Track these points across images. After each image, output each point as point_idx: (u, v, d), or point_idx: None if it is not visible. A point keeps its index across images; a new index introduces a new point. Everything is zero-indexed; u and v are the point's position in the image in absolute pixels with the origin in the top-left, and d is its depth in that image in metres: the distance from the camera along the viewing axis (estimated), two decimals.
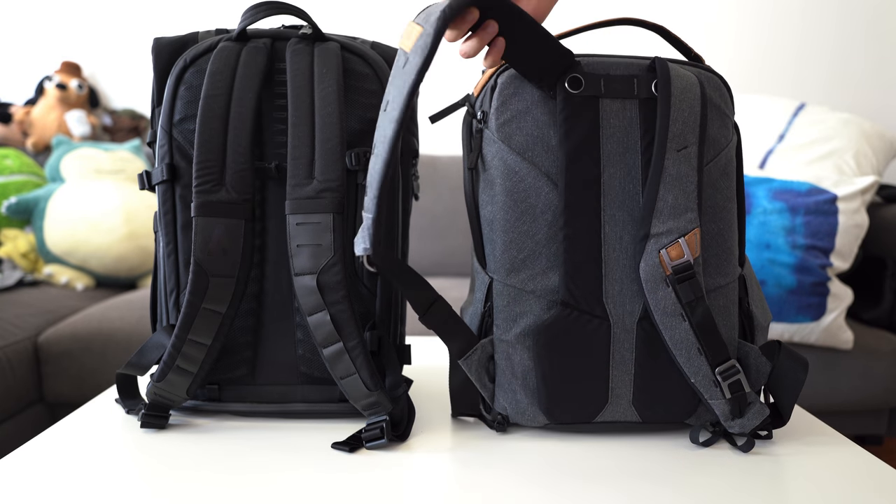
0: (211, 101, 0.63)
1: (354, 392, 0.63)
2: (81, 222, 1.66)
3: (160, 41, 0.68)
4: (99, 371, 1.33)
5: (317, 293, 0.62)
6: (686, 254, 0.59)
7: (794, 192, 1.36)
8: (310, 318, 0.62)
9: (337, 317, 0.62)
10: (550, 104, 0.61)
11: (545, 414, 0.63)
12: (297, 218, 0.63)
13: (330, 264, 0.62)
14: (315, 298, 0.62)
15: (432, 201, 1.92)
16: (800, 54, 2.22)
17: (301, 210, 0.63)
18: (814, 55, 2.22)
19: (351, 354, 0.62)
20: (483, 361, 0.64)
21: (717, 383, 0.60)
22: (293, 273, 0.63)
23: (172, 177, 0.66)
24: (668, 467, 0.58)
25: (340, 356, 0.63)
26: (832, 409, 1.40)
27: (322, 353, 0.63)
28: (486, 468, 0.58)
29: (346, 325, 0.62)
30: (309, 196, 0.63)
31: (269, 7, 0.67)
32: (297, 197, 0.63)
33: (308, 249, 0.63)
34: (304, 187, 0.63)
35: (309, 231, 0.63)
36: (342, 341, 0.62)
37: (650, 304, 0.59)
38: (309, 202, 0.63)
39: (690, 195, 0.60)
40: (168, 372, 0.63)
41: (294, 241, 0.63)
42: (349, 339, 0.62)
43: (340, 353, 0.62)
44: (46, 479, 0.55)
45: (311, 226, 0.63)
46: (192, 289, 0.61)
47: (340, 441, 0.62)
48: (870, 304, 1.54)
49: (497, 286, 0.63)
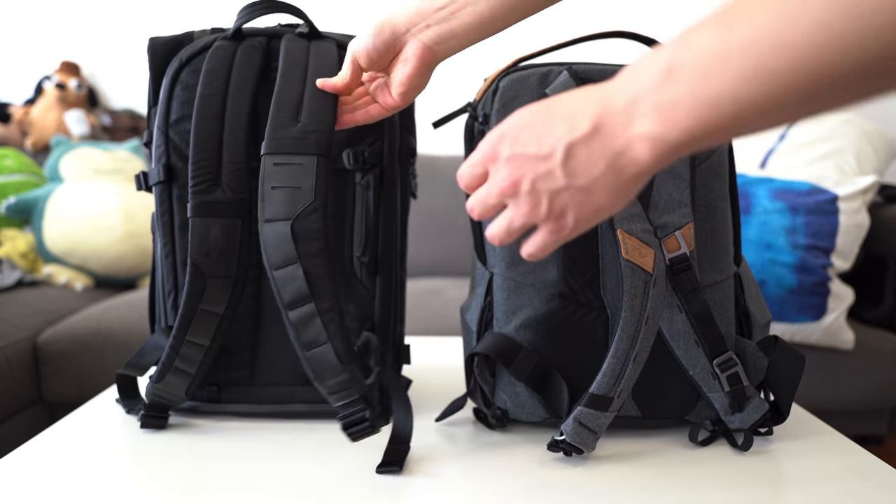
0: (206, 100, 0.63)
1: (322, 367, 0.54)
2: (81, 222, 1.65)
3: (155, 41, 0.68)
4: (98, 371, 1.33)
5: (290, 242, 0.54)
6: (682, 246, 0.60)
7: (795, 191, 1.36)
8: (276, 273, 0.54)
9: (311, 272, 0.54)
10: None
11: (545, 407, 0.63)
12: (276, 158, 0.56)
13: (308, 210, 0.55)
14: (286, 249, 0.54)
15: (432, 201, 1.92)
16: None
17: (282, 149, 0.56)
18: None
19: (323, 318, 0.54)
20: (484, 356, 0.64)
21: (715, 375, 0.61)
22: (261, 219, 0.55)
23: (169, 177, 0.65)
24: (667, 465, 0.58)
25: (310, 320, 0.54)
26: (833, 409, 1.40)
27: (287, 318, 0.54)
28: (486, 467, 0.58)
29: (320, 283, 0.54)
30: (292, 136, 0.57)
31: (264, 5, 0.66)
32: (278, 137, 0.57)
33: (283, 192, 0.55)
34: (286, 128, 0.57)
35: (287, 172, 0.56)
36: (314, 302, 0.54)
37: None
38: (291, 142, 0.57)
39: (684, 191, 0.61)
40: (166, 373, 0.63)
41: (268, 183, 0.56)
42: (323, 299, 0.54)
43: (310, 316, 0.54)
44: (46, 479, 0.55)
45: (291, 167, 0.56)
46: (188, 290, 0.61)
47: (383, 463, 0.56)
48: (871, 304, 1.54)
49: (497, 280, 0.64)
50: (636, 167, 0.37)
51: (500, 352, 0.62)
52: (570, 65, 0.63)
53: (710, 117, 0.33)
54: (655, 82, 0.35)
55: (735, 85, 0.32)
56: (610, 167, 0.37)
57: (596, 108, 0.37)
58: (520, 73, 0.64)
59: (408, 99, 0.58)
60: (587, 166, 0.38)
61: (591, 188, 0.38)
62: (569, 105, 0.39)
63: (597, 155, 0.38)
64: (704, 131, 0.34)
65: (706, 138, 0.34)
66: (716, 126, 0.33)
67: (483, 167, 0.43)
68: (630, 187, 0.39)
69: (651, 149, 0.36)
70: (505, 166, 0.41)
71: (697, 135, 0.34)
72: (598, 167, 0.38)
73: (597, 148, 0.37)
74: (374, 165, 0.67)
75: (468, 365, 0.67)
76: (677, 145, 0.35)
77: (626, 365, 0.57)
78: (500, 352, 0.62)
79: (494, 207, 0.43)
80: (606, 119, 0.37)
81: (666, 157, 0.36)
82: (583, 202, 0.39)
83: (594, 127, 0.37)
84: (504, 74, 0.64)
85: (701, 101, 0.33)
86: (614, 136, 0.37)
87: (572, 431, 0.57)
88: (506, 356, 0.62)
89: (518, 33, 2.14)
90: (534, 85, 0.63)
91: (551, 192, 0.39)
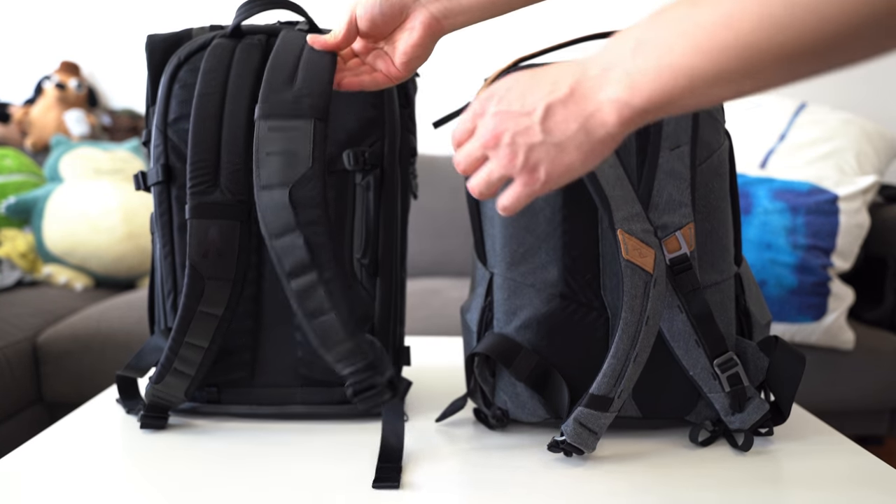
0: (204, 99, 0.62)
1: (327, 336, 0.53)
2: (80, 222, 1.65)
3: (153, 38, 0.67)
4: (98, 371, 1.33)
5: (288, 210, 0.53)
6: (683, 246, 0.60)
7: (795, 191, 1.36)
8: (276, 242, 0.53)
9: (312, 240, 0.53)
10: None
11: (545, 407, 0.63)
12: (271, 122, 0.55)
13: (307, 177, 0.54)
14: (285, 217, 0.53)
15: (432, 201, 1.92)
16: None
17: (276, 113, 0.55)
18: None
19: (327, 287, 0.53)
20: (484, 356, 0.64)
21: (715, 376, 0.61)
22: (257, 186, 0.54)
23: (168, 177, 0.65)
24: (668, 466, 0.58)
25: (313, 290, 0.53)
26: (833, 409, 1.39)
27: (289, 288, 0.54)
28: (486, 467, 0.58)
29: (321, 252, 0.53)
30: (287, 100, 0.56)
31: (263, 1, 0.66)
32: (272, 100, 0.55)
33: (280, 158, 0.54)
34: (280, 92, 0.56)
35: (283, 137, 0.55)
36: (316, 270, 0.53)
37: None
38: (287, 105, 0.55)
39: (684, 191, 0.61)
40: (166, 374, 0.62)
41: (263, 149, 0.54)
42: (325, 268, 0.54)
43: (313, 285, 0.53)
44: (46, 479, 0.55)
45: (287, 132, 0.55)
46: (187, 292, 0.61)
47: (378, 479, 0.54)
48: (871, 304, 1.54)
49: (497, 280, 0.64)
50: (604, 129, 0.41)
51: (500, 352, 0.62)
52: None
53: (669, 86, 0.38)
54: (626, 53, 0.40)
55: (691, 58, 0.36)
56: (581, 127, 0.42)
57: (575, 75, 0.42)
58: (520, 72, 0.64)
59: (410, 69, 0.59)
60: (562, 125, 0.42)
61: (564, 145, 0.43)
62: (552, 73, 0.44)
63: (572, 116, 0.42)
64: (664, 98, 0.38)
65: (666, 105, 0.39)
66: (673, 94, 0.38)
67: (472, 122, 0.47)
68: (598, 149, 0.43)
69: (617, 112, 0.40)
70: (490, 120, 0.45)
71: (658, 102, 0.39)
72: (572, 127, 0.42)
73: (572, 109, 0.42)
74: (375, 166, 0.66)
75: (468, 365, 0.67)
76: (640, 111, 0.40)
77: (626, 365, 0.56)
78: (501, 352, 0.62)
79: (478, 161, 0.47)
80: (582, 84, 0.42)
81: (630, 122, 0.41)
82: (555, 158, 0.43)
83: (571, 90, 0.42)
84: (504, 74, 0.64)
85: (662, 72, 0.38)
86: (587, 100, 0.41)
87: (573, 432, 0.57)
88: (506, 356, 0.61)
89: (518, 33, 2.14)
90: None
91: (528, 146, 0.43)
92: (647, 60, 0.38)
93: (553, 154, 0.43)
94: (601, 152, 0.43)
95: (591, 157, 0.43)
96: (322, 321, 0.53)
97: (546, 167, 0.44)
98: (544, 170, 0.44)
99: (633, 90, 0.39)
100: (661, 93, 0.38)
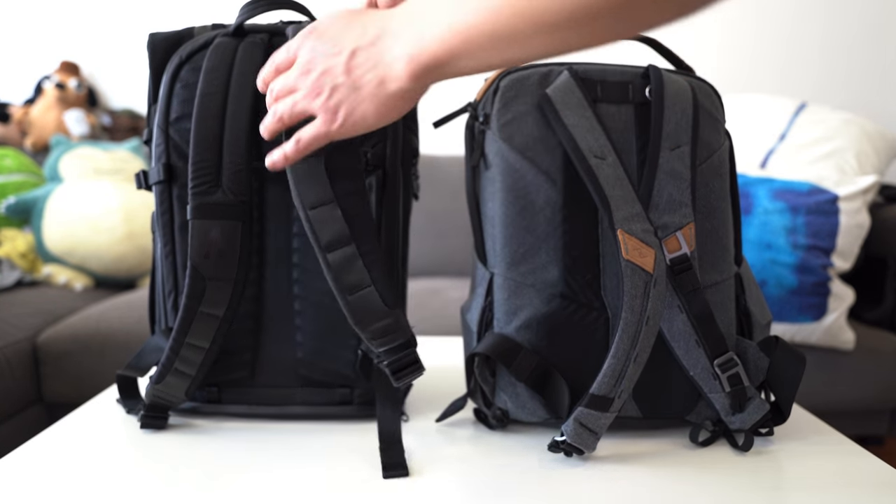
0: (207, 99, 0.62)
1: (365, 312, 0.52)
2: (80, 222, 1.65)
3: (155, 36, 0.67)
4: (98, 371, 1.33)
5: (325, 179, 0.51)
6: (683, 246, 0.61)
7: (796, 191, 1.36)
8: (312, 213, 0.52)
9: (349, 211, 0.52)
10: None
11: (545, 407, 0.63)
12: None
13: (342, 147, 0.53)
14: (321, 187, 0.51)
15: (432, 201, 1.92)
16: (801, 53, 2.22)
17: None
18: (815, 54, 2.22)
19: (365, 260, 0.52)
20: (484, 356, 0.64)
21: (716, 376, 0.61)
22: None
23: (169, 177, 0.65)
24: (668, 466, 0.58)
25: (351, 263, 0.51)
26: (833, 409, 1.39)
27: (325, 260, 0.52)
28: (486, 467, 0.58)
29: (360, 223, 0.52)
30: None
31: (268, 2, 0.66)
32: None
33: None
34: None
35: None
36: (354, 243, 0.52)
37: None
38: None
39: (684, 191, 0.61)
40: (166, 374, 0.62)
41: None
42: (364, 241, 0.52)
43: (352, 258, 0.51)
44: (46, 479, 0.55)
45: None
46: (188, 292, 0.61)
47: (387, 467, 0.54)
48: (871, 304, 1.54)
49: (497, 280, 0.64)
50: (397, 83, 0.44)
51: (500, 352, 0.62)
52: (570, 65, 0.63)
53: (448, 44, 0.41)
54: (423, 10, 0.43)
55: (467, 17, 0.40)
56: (376, 76, 0.45)
57: (381, 25, 0.45)
58: (520, 72, 0.64)
59: None
60: (362, 70, 0.45)
61: (361, 91, 0.46)
62: (365, 19, 0.47)
63: (371, 62, 0.45)
64: (446, 56, 0.42)
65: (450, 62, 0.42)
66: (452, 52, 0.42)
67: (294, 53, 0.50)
68: (391, 103, 0.46)
69: (407, 66, 0.43)
70: (306, 53, 0.48)
71: (441, 58, 0.42)
72: (370, 74, 0.45)
73: (372, 55, 0.45)
74: (377, 167, 0.66)
75: (468, 365, 0.67)
76: (426, 66, 0.43)
77: (626, 365, 0.56)
78: (501, 352, 0.62)
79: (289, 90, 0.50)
80: (385, 35, 0.45)
81: (418, 76, 0.44)
82: (353, 103, 0.46)
83: (375, 38, 0.45)
84: (505, 74, 0.64)
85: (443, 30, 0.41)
86: (384, 50, 0.44)
87: (573, 432, 0.57)
88: (506, 356, 0.61)
89: None
90: (534, 85, 0.63)
91: (332, 87, 0.47)
92: (435, 17, 0.42)
93: (352, 98, 0.46)
94: (395, 106, 0.46)
95: (384, 110, 0.46)
96: (360, 296, 0.52)
97: (345, 111, 0.47)
98: (343, 113, 0.47)
99: (420, 46, 0.42)
100: (443, 51, 0.42)
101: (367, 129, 0.48)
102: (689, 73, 0.69)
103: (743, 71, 2.22)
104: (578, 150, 0.60)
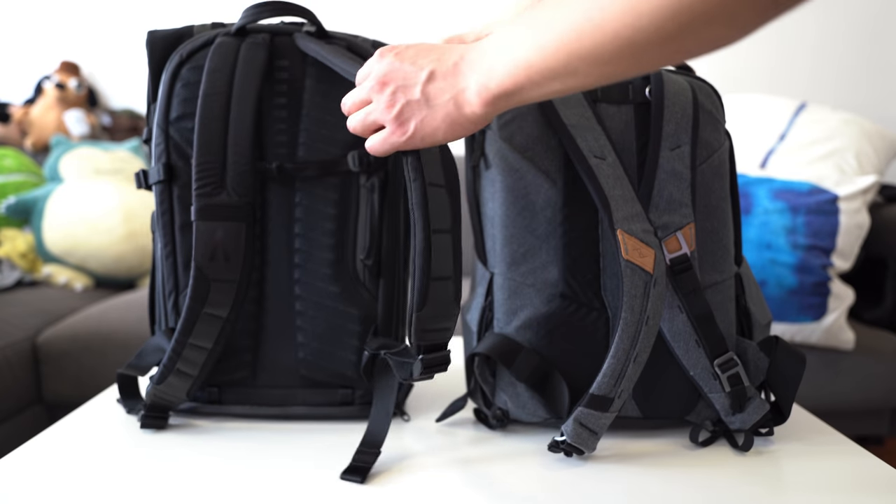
0: (210, 100, 0.62)
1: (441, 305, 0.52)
2: (80, 222, 1.65)
3: (154, 34, 0.67)
4: (98, 371, 1.32)
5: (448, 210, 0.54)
6: (683, 246, 0.61)
7: (795, 191, 1.36)
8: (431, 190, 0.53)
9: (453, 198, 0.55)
10: None
11: (545, 407, 0.63)
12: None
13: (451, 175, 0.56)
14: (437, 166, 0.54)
15: None
16: (801, 53, 2.22)
17: None
18: (815, 54, 2.22)
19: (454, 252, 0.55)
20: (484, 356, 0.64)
21: (716, 376, 0.61)
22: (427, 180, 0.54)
23: (169, 176, 0.64)
24: (668, 466, 0.58)
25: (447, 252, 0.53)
26: (833, 409, 1.39)
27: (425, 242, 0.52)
28: (486, 467, 0.58)
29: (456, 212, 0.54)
30: None
31: (273, 7, 0.65)
32: None
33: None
34: None
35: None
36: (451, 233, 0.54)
37: None
38: None
39: (685, 191, 0.62)
40: (168, 375, 0.62)
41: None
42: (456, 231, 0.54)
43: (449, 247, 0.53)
44: (46, 479, 0.55)
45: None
46: (192, 294, 0.61)
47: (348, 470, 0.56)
48: (871, 304, 1.54)
49: (497, 280, 0.64)
50: (469, 107, 0.49)
51: (500, 352, 0.62)
52: None
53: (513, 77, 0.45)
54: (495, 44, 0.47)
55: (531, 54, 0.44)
56: (452, 99, 0.49)
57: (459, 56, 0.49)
58: None
59: None
60: (438, 91, 0.50)
61: (435, 110, 0.50)
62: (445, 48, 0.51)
63: (448, 85, 0.49)
64: (512, 87, 0.46)
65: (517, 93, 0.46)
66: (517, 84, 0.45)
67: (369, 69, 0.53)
68: (462, 123, 0.50)
69: (479, 94, 0.48)
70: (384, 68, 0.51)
71: (508, 89, 0.46)
72: (446, 95, 0.49)
73: (450, 81, 0.49)
74: (379, 168, 0.66)
75: (469, 365, 0.67)
76: (495, 95, 0.47)
77: (626, 365, 0.56)
78: (501, 352, 0.62)
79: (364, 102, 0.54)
80: (462, 64, 0.49)
81: (489, 103, 0.48)
82: (425, 118, 0.50)
83: (454, 65, 0.49)
84: None
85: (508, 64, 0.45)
86: (461, 78, 0.49)
87: (573, 432, 0.57)
88: (506, 356, 0.61)
89: None
90: None
91: (406, 102, 0.50)
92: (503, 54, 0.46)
93: (424, 114, 0.50)
94: (465, 127, 0.50)
95: (454, 128, 0.50)
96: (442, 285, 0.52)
97: (416, 124, 0.51)
98: (413, 125, 0.51)
99: (490, 78, 0.47)
100: (510, 83, 0.46)
101: (436, 143, 0.52)
102: (689, 73, 0.69)
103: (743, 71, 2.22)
104: (578, 150, 0.60)
